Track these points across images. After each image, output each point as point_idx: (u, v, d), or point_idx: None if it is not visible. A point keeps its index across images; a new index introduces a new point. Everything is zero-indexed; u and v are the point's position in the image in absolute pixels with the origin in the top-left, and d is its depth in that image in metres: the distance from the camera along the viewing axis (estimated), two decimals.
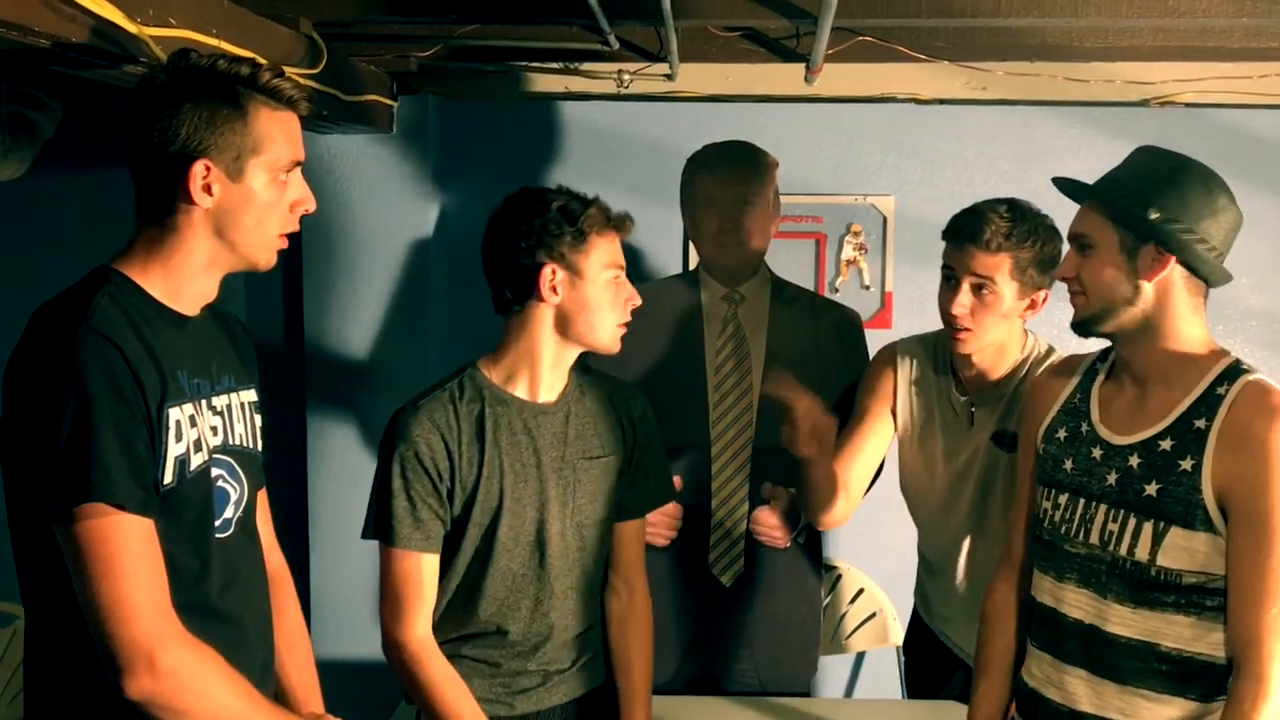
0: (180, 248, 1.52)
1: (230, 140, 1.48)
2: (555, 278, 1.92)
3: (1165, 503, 1.70)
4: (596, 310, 1.95)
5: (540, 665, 2.04)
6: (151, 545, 1.43)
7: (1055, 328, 3.39)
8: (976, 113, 3.26)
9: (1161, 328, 1.75)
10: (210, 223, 1.51)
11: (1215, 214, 1.73)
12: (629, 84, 2.98)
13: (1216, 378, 1.72)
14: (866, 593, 3.08)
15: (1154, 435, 1.75)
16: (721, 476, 2.56)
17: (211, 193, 1.49)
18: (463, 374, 2.00)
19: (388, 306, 3.26)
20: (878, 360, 2.44)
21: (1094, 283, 1.76)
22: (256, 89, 1.51)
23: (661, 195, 2.96)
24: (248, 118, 1.50)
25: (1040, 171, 3.33)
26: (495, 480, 1.94)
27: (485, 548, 1.96)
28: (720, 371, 2.58)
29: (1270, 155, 3.17)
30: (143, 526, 1.42)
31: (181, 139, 1.47)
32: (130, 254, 1.53)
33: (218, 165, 1.48)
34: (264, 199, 1.53)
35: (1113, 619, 1.76)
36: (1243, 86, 2.85)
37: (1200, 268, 1.73)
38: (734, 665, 2.64)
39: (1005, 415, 2.26)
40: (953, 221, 2.24)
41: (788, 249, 3.24)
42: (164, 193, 1.50)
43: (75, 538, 1.39)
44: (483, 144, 3.35)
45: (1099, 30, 2.61)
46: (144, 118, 1.49)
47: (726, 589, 2.59)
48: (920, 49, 2.71)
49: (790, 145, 3.15)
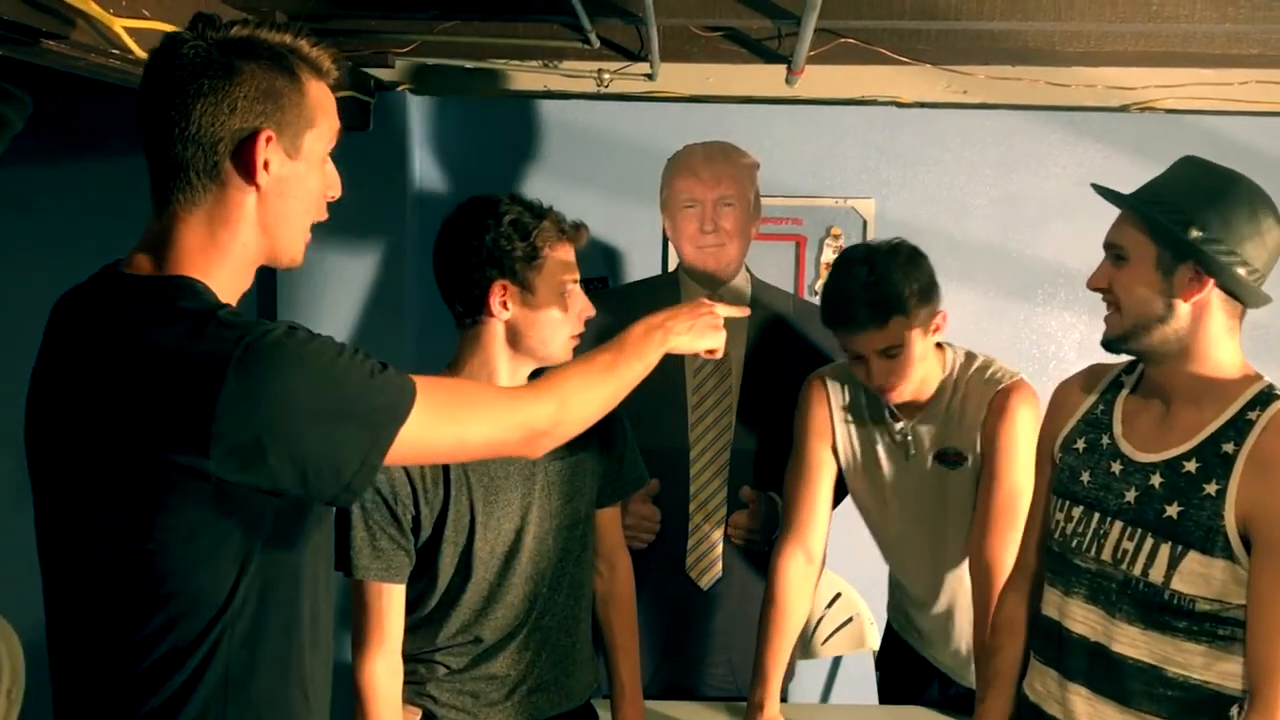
0: (235, 239, 1.37)
1: (291, 112, 1.36)
2: (505, 294, 1.87)
3: (1186, 526, 1.65)
4: (548, 325, 1.90)
5: (520, 675, 1.99)
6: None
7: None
8: (958, 116, 3.25)
9: (1194, 349, 1.70)
10: (258, 209, 1.37)
11: (1260, 235, 1.67)
12: (609, 83, 2.96)
13: (1249, 402, 1.67)
14: (844, 597, 3.07)
15: (1179, 455, 1.69)
16: (700, 480, 2.55)
17: (269, 170, 1.35)
18: None
19: (363, 308, 3.23)
20: (809, 394, 2.38)
21: (1127, 297, 1.71)
22: (303, 59, 1.38)
23: (641, 195, 2.95)
24: (303, 88, 1.37)
25: (1021, 175, 3.35)
26: (464, 497, 1.91)
27: (464, 564, 1.93)
28: (699, 374, 2.56)
29: (1250, 162, 3.14)
30: None
31: (240, 109, 1.31)
32: (183, 253, 1.36)
33: (280, 138, 1.35)
34: (313, 180, 1.42)
35: (1120, 639, 1.72)
36: (1223, 93, 2.85)
37: (1239, 291, 1.68)
38: (711, 670, 2.62)
39: (943, 433, 2.25)
40: (829, 313, 2.19)
41: (768, 251, 3.23)
42: (214, 175, 1.33)
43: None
44: (461, 142, 3.32)
45: (1081, 35, 2.60)
46: (180, 89, 1.31)
47: (704, 592, 2.58)
48: (902, 52, 2.70)
49: (771, 147, 3.14)
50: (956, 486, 2.25)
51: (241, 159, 1.33)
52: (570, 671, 2.06)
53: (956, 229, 3.35)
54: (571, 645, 2.06)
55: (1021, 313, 3.40)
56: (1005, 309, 3.39)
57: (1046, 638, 1.86)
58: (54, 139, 3.08)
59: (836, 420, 2.34)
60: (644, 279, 2.93)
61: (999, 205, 3.36)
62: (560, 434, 1.56)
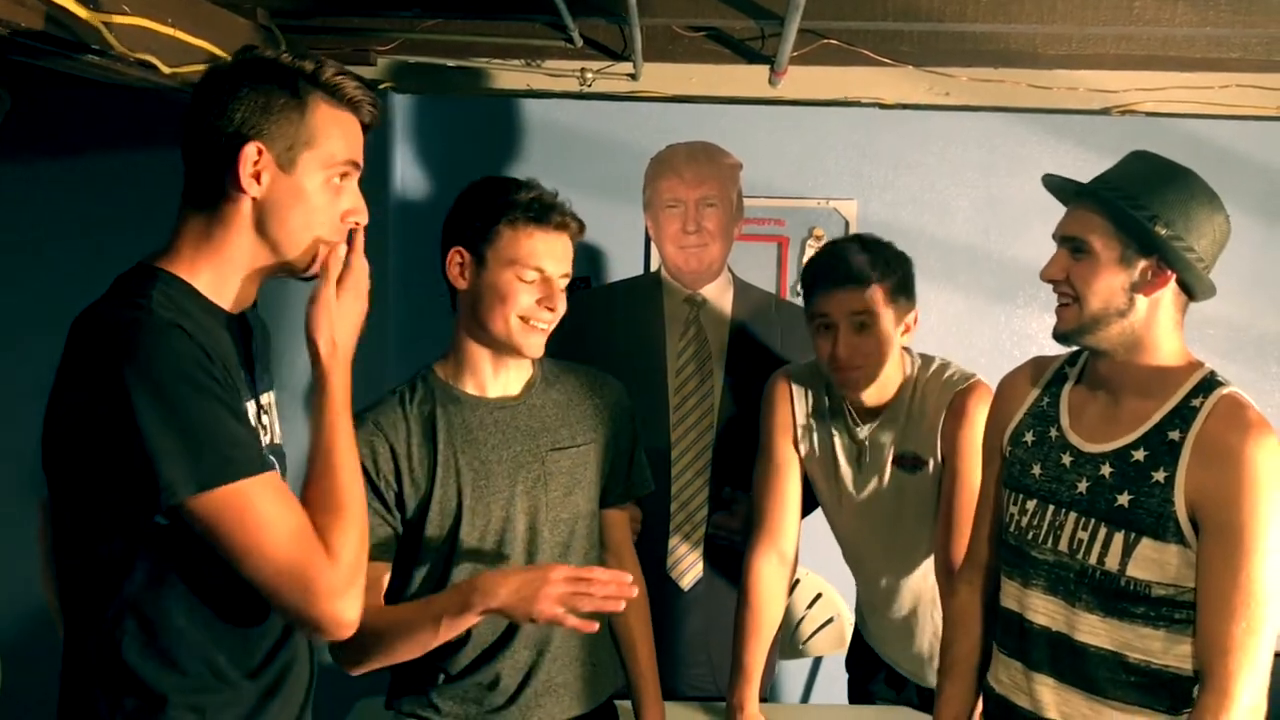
0: (226, 241, 1.46)
1: (285, 129, 1.44)
2: (464, 260, 1.88)
3: (1137, 513, 1.69)
4: (494, 301, 1.86)
5: (522, 678, 1.94)
6: (284, 492, 1.42)
7: (1018, 334, 3.41)
8: (939, 118, 3.26)
9: (1145, 341, 1.73)
10: (255, 216, 1.45)
11: (1213, 230, 1.70)
12: (592, 83, 2.95)
13: (1192, 389, 1.71)
14: (824, 597, 3.07)
15: (1127, 445, 1.73)
16: (681, 479, 2.55)
17: (260, 181, 1.44)
18: (417, 375, 1.96)
19: None
20: (772, 392, 2.38)
21: (1087, 290, 1.72)
22: (318, 84, 1.47)
23: (623, 195, 2.95)
24: (305, 109, 1.46)
25: (1002, 177, 3.36)
26: (452, 481, 1.89)
27: (447, 550, 1.89)
28: (681, 374, 2.56)
29: (1230, 165, 3.20)
30: (270, 480, 1.40)
31: (236, 122, 1.43)
32: (176, 249, 1.47)
33: (270, 151, 1.43)
34: (314, 199, 1.48)
35: (1082, 628, 1.75)
36: (1204, 97, 2.86)
37: (1195, 285, 1.71)
38: (691, 670, 2.61)
39: (903, 437, 2.24)
40: (815, 269, 2.21)
41: (750, 251, 3.23)
42: (214, 179, 1.45)
43: (211, 523, 1.35)
44: (443, 141, 3.31)
45: (1063, 38, 2.61)
46: (203, 102, 1.45)
47: (684, 593, 2.58)
48: (884, 53, 2.71)
49: (753, 148, 3.14)
50: (915, 491, 2.24)
51: (234, 169, 1.42)
52: (583, 673, 2.01)
53: (938, 230, 3.36)
54: (582, 644, 2.00)
55: (1003, 314, 3.41)
56: (987, 310, 3.40)
57: (1008, 629, 1.87)
58: (33, 137, 3.05)
59: (798, 419, 2.33)
60: (626, 279, 2.93)
61: (981, 207, 3.37)
62: (326, 624, 1.42)
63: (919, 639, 2.37)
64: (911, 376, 2.26)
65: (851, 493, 2.30)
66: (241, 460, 1.36)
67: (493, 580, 1.70)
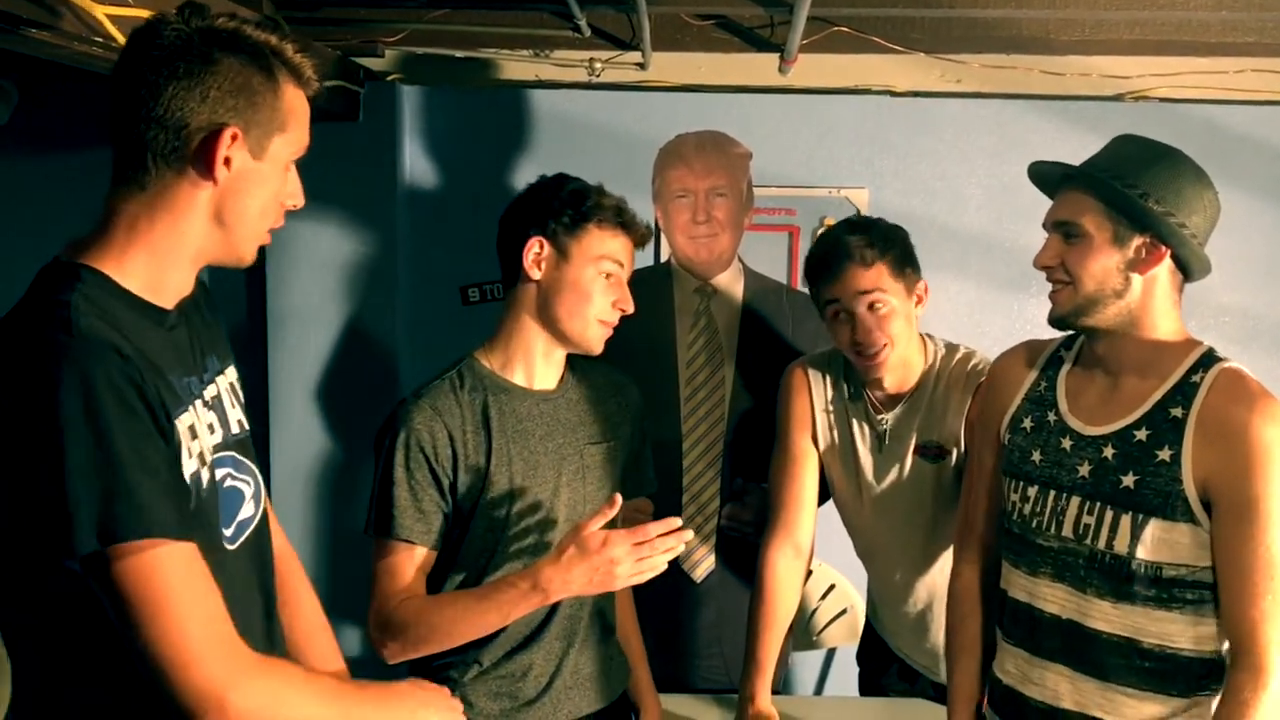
0: (174, 229, 1.32)
1: (262, 112, 1.32)
2: (542, 251, 1.88)
3: (1144, 494, 1.68)
4: (576, 297, 1.88)
5: (554, 669, 1.94)
6: (200, 569, 1.26)
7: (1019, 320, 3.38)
8: (951, 105, 3.24)
9: (1142, 320, 1.73)
10: (214, 204, 1.33)
11: (1205, 206, 1.71)
12: (601, 72, 2.95)
13: (1191, 366, 1.70)
14: (838, 589, 3.06)
15: (1128, 425, 1.72)
16: (693, 471, 2.54)
17: (229, 167, 1.31)
18: (460, 364, 1.95)
19: (353, 298, 3.21)
20: (789, 383, 2.36)
21: (1083, 273, 1.71)
22: (285, 63, 1.36)
23: (633, 186, 2.91)
24: (279, 91, 1.34)
25: (1015, 164, 3.32)
26: (505, 469, 1.88)
27: (494, 538, 1.88)
28: (692, 365, 2.55)
29: (1244, 151, 3.17)
30: (186, 551, 1.24)
31: (211, 100, 1.28)
32: (106, 239, 1.32)
33: (245, 136, 1.31)
34: (273, 185, 1.37)
35: (1094, 614, 1.74)
36: (1218, 82, 2.85)
37: (1191, 260, 1.71)
38: (703, 662, 2.61)
39: (925, 426, 2.22)
40: (817, 258, 2.20)
41: (761, 241, 3.21)
42: (170, 161, 1.30)
43: (115, 582, 1.20)
44: (452, 132, 3.30)
45: (1075, 23, 2.60)
46: (155, 69, 1.28)
47: (697, 585, 2.57)
48: (895, 40, 2.70)
49: (763, 137, 3.12)
50: (937, 481, 2.22)
51: (203, 151, 1.30)
52: (605, 667, 2.02)
53: (950, 218, 3.33)
54: (603, 638, 2.02)
55: (1015, 302, 3.38)
56: (999, 299, 3.38)
57: (1015, 619, 1.86)
58: (42, 131, 3.06)
59: (816, 409, 2.32)
60: (637, 269, 2.91)
61: (993, 195, 3.34)
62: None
63: (934, 633, 2.36)
64: (934, 364, 2.24)
65: (871, 482, 2.28)
66: (160, 520, 1.21)
67: (558, 571, 1.71)
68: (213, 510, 1.38)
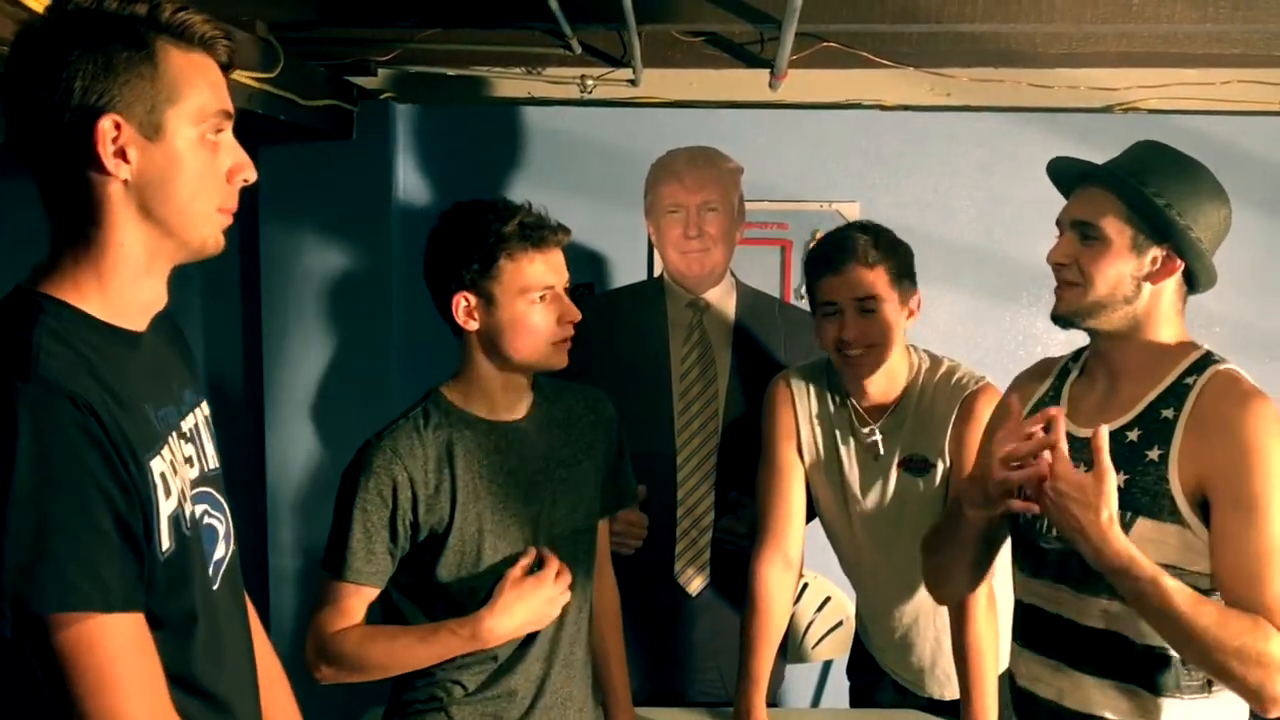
0: (109, 243, 1.22)
1: (138, 89, 1.19)
2: (470, 304, 1.85)
3: (1132, 493, 1.67)
4: (518, 334, 1.86)
5: (535, 690, 1.95)
6: (144, 645, 1.18)
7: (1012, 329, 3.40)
8: (941, 119, 3.26)
9: (1146, 327, 1.72)
10: (134, 200, 1.22)
11: (1220, 222, 1.70)
12: (592, 89, 2.96)
13: (1186, 369, 1.70)
14: (833, 601, 3.06)
15: (1121, 426, 1.72)
16: (687, 485, 2.54)
17: (127, 158, 1.20)
18: (426, 400, 1.95)
19: (347, 317, 3.22)
20: (773, 395, 2.36)
21: (1097, 276, 1.69)
22: (160, 28, 1.22)
23: (625, 201, 2.94)
24: (156, 60, 1.20)
25: (1005, 177, 3.35)
26: (471, 505, 1.88)
27: (463, 571, 1.89)
28: (685, 379, 2.56)
29: (1233, 162, 3.18)
30: (131, 624, 1.17)
31: (77, 94, 1.17)
32: (54, 269, 1.24)
33: (129, 121, 1.19)
34: (194, 162, 1.24)
35: (1091, 613, 1.73)
36: (1205, 93, 2.87)
37: (1201, 275, 1.71)
38: (699, 676, 2.61)
39: (910, 438, 2.23)
40: (819, 254, 2.21)
41: (753, 255, 3.22)
42: (70, 171, 1.20)
43: (51, 651, 1.12)
44: (445, 150, 3.31)
45: (1063, 36, 2.61)
46: (24, 77, 1.18)
47: (692, 598, 2.57)
48: (885, 55, 2.71)
49: (755, 151, 3.13)
50: (921, 495, 2.22)
51: (91, 152, 1.19)
52: (583, 685, 2.03)
53: (941, 231, 3.35)
54: (581, 657, 2.03)
55: (1007, 314, 3.40)
56: (991, 311, 3.39)
57: (1024, 621, 1.87)
58: None
59: (801, 420, 2.32)
60: (629, 284, 2.93)
61: (983, 207, 3.36)
62: None
63: (919, 650, 2.36)
64: (919, 376, 2.25)
65: (857, 495, 2.29)
66: (97, 591, 1.13)
67: (497, 620, 1.85)
68: (197, 548, 1.32)
